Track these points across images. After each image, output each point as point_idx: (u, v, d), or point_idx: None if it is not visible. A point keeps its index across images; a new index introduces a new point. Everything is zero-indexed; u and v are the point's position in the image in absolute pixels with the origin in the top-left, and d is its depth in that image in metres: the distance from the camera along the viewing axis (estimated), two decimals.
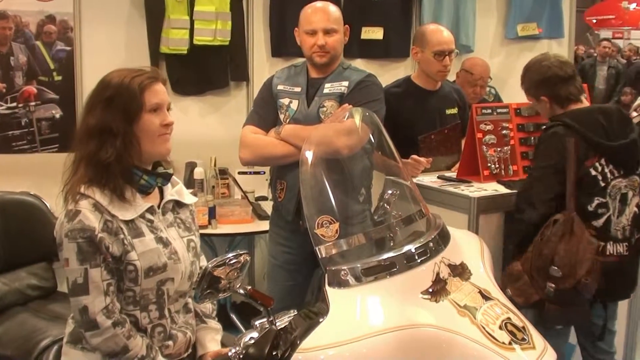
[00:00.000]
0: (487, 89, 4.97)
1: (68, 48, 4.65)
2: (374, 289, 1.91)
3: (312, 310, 1.91)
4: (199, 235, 2.51)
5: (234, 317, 4.72)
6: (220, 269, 1.83)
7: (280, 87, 3.43)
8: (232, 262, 1.86)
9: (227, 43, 4.85)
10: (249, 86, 5.03)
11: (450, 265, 2.11)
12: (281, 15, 4.98)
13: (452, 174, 3.77)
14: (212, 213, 4.34)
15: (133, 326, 2.25)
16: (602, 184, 3.08)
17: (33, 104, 4.61)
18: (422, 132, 3.85)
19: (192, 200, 2.53)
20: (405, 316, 1.87)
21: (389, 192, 2.47)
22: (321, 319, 1.81)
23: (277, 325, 1.88)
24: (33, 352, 2.54)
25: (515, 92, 5.36)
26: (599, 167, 3.08)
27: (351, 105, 3.23)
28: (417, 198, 2.35)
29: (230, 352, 1.93)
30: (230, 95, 5.06)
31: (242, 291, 1.88)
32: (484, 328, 1.95)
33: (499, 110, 3.71)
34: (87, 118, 2.26)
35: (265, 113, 3.43)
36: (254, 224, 4.45)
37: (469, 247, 2.35)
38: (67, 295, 2.23)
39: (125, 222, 2.22)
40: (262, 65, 5.03)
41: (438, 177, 3.73)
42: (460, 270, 2.14)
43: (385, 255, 2.00)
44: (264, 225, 4.05)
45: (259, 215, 4.48)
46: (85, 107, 2.29)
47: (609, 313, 3.30)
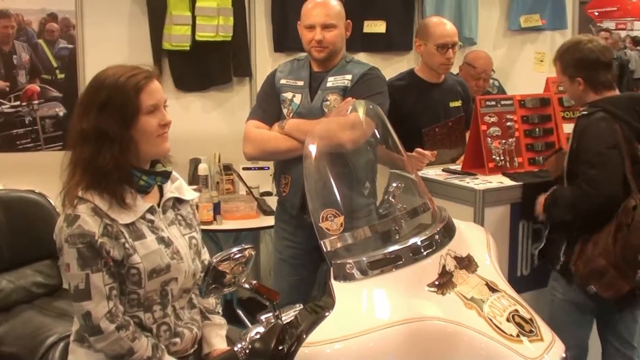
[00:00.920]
0: (491, 81, 4.96)
1: (70, 46, 4.64)
2: (380, 282, 1.91)
3: (318, 304, 1.90)
4: (200, 231, 2.48)
5: (240, 312, 4.72)
6: (225, 263, 1.82)
7: (283, 81, 3.42)
8: (236, 256, 1.85)
9: (230, 39, 4.85)
10: (252, 82, 5.03)
11: (456, 258, 2.10)
12: (283, 9, 4.97)
13: (457, 166, 3.76)
14: (216, 209, 4.33)
15: (137, 327, 2.23)
16: None
17: (36, 102, 4.61)
18: (426, 125, 3.83)
19: (193, 196, 2.49)
20: (411, 309, 1.86)
21: (394, 185, 2.46)
22: (327, 313, 1.80)
23: (282, 319, 1.86)
24: (39, 349, 2.52)
25: (518, 84, 5.41)
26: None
27: (355, 99, 3.22)
28: (422, 191, 2.34)
29: (236, 348, 1.91)
30: (233, 91, 5.06)
31: (247, 285, 1.87)
32: (491, 320, 1.94)
33: (503, 102, 3.69)
34: (81, 120, 2.19)
35: (269, 107, 3.41)
36: (259, 219, 4.44)
37: (475, 239, 2.34)
38: None
39: (126, 225, 2.19)
40: (265, 61, 5.02)
41: (443, 170, 3.71)
42: (467, 263, 2.14)
43: (390, 249, 1.99)
44: (269, 221, 4.04)
45: (264, 210, 4.47)
46: (78, 107, 2.22)
47: None
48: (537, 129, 3.71)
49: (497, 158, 3.60)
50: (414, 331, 1.80)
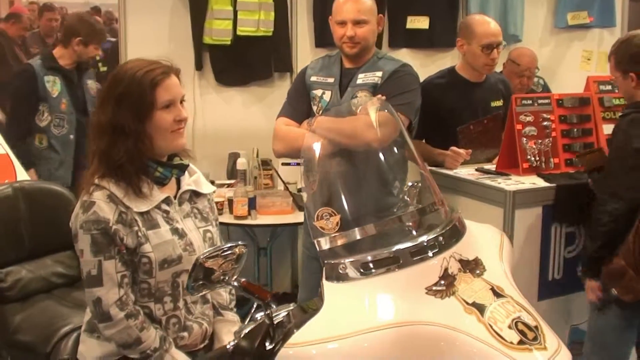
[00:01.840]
0: (535, 79, 4.84)
1: (113, 39, 4.73)
2: (374, 284, 1.86)
3: (310, 305, 1.87)
4: (217, 225, 2.49)
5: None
6: (212, 260, 1.80)
7: (313, 78, 3.40)
8: (225, 253, 1.83)
9: (270, 34, 4.84)
10: (293, 77, 4.99)
11: (461, 261, 2.03)
12: (325, 5, 4.90)
13: (492, 166, 3.67)
14: (252, 204, 4.33)
15: (147, 318, 2.24)
16: None
17: None
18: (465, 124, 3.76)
19: (210, 190, 2.50)
20: (405, 313, 1.81)
21: (410, 184, 2.42)
22: (315, 314, 1.77)
23: (274, 318, 1.83)
24: (52, 338, 2.55)
25: (564, 82, 5.26)
26: None
27: (384, 96, 3.18)
28: (433, 190, 2.29)
29: (228, 345, 1.90)
30: (274, 86, 5.04)
31: (236, 284, 1.84)
32: (491, 326, 1.87)
33: (540, 101, 3.59)
34: (99, 112, 2.25)
35: (298, 105, 3.40)
36: (294, 215, 4.42)
37: (487, 241, 2.26)
38: None
39: (140, 213, 2.21)
40: (306, 56, 4.98)
41: (476, 170, 3.63)
42: (473, 266, 2.06)
43: (388, 250, 1.94)
44: None
45: (300, 206, 4.45)
46: (97, 99, 2.29)
47: None
48: (575, 130, 3.61)
49: (532, 158, 3.51)
50: (404, 335, 1.75)
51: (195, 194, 2.43)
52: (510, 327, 1.90)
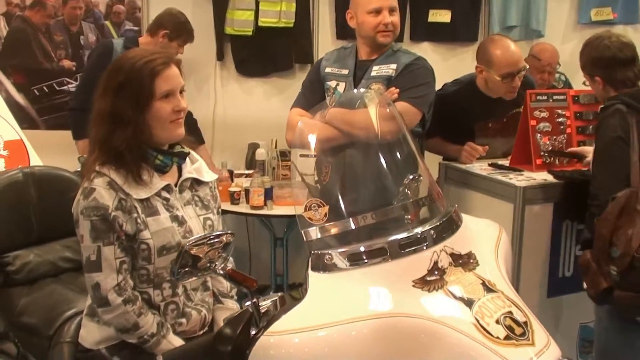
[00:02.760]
0: (557, 75, 4.80)
1: (136, 28, 4.76)
2: (359, 275, 1.87)
3: (295, 294, 1.88)
4: (218, 213, 2.50)
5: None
6: (198, 247, 1.81)
7: (327, 69, 3.41)
8: (212, 241, 1.84)
9: (292, 25, 4.86)
10: None
11: (453, 255, 2.03)
12: None
13: (506, 161, 3.63)
14: (268, 194, 4.35)
15: (146, 303, 2.27)
16: None
17: None
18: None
19: (212, 178, 2.51)
20: (388, 304, 1.82)
21: (409, 177, 2.41)
22: (298, 303, 1.78)
23: (261, 306, 1.85)
24: (56, 321, 2.58)
25: None
26: None
27: (398, 89, 3.18)
28: (430, 183, 2.28)
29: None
30: (295, 77, 5.05)
31: (222, 272, 1.86)
32: (477, 321, 1.87)
33: (555, 96, 3.55)
34: (100, 100, 2.27)
35: (312, 96, 3.41)
36: None
37: (484, 236, 2.25)
38: None
39: (140, 200, 2.24)
40: (327, 48, 4.89)
41: (489, 165, 3.60)
42: (465, 260, 2.06)
43: (376, 241, 1.94)
44: None
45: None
46: (99, 87, 2.30)
47: None
48: (590, 127, 3.54)
49: (546, 154, 3.47)
50: (385, 326, 1.76)
51: (196, 182, 2.44)
52: (498, 322, 1.89)
